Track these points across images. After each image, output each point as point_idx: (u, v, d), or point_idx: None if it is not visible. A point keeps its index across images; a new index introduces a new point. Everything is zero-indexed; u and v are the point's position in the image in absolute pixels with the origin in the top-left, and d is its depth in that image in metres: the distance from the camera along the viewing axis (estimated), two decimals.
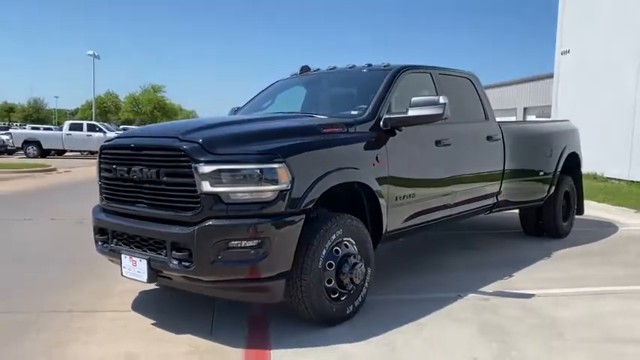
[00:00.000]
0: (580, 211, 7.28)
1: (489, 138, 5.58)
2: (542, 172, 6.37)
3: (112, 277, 4.50)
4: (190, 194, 3.37)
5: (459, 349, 3.41)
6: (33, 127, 34.73)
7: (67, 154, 26.98)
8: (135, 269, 3.61)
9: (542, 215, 6.67)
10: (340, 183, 3.78)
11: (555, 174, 6.52)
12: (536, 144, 6.41)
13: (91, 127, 26.23)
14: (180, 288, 3.85)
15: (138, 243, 3.67)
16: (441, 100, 4.15)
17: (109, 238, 3.90)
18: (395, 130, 4.33)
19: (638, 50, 12.00)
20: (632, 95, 11.94)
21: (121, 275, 3.74)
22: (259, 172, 3.33)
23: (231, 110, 5.86)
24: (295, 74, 5.74)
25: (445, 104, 4.14)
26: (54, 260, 5.66)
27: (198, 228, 3.30)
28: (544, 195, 6.44)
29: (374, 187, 4.04)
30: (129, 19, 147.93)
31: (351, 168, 3.91)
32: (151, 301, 4.35)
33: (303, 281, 3.52)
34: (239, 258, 3.33)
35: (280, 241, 3.38)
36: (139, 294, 4.47)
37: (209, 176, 3.29)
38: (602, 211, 8.95)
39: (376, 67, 4.99)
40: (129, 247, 3.74)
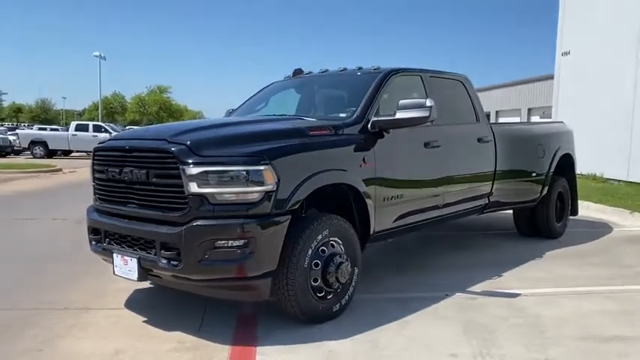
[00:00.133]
0: (574, 212, 7.33)
1: (480, 140, 5.64)
2: (534, 173, 6.43)
3: (109, 276, 4.56)
4: (178, 195, 3.47)
5: (439, 346, 3.49)
6: (40, 128, 35.08)
7: (73, 154, 27.24)
8: (126, 268, 3.72)
9: (536, 216, 6.72)
10: (327, 184, 3.87)
11: (548, 175, 6.58)
12: (529, 145, 6.46)
13: (97, 128, 26.48)
14: (171, 287, 3.96)
15: (129, 242, 3.78)
16: (428, 103, 4.23)
17: (102, 237, 4.01)
18: (383, 133, 4.41)
19: (636, 51, 12.00)
20: (631, 96, 11.95)
21: (113, 274, 3.85)
22: (245, 173, 3.42)
23: (227, 112, 5.97)
24: (288, 77, 5.84)
25: (432, 107, 4.22)
26: (53, 259, 5.78)
27: (185, 228, 3.40)
28: (537, 196, 6.50)
29: (361, 189, 4.13)
30: (136, 19, 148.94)
31: (338, 170, 3.99)
32: (144, 300, 4.46)
33: (289, 280, 3.61)
34: (226, 257, 3.42)
35: (266, 241, 3.47)
36: (132, 292, 4.58)
37: (196, 177, 3.38)
38: (598, 212, 8.98)
39: (366, 70, 5.07)
40: (120, 246, 3.84)
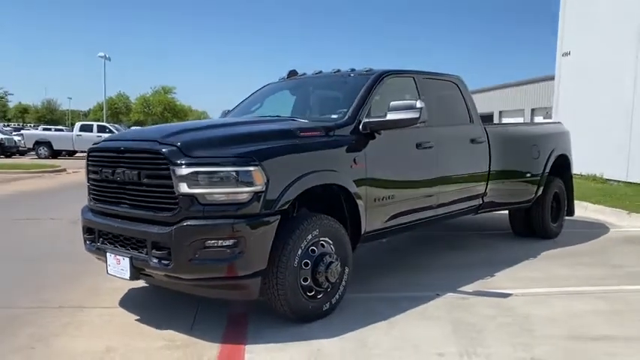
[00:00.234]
0: (570, 213, 7.33)
1: (473, 141, 5.67)
2: (529, 174, 6.45)
3: (104, 275, 4.64)
4: (169, 195, 3.52)
5: (426, 345, 3.52)
6: (44, 128, 35.29)
7: (77, 154, 27.37)
8: (118, 267, 3.78)
9: (531, 216, 6.74)
10: (317, 185, 3.92)
11: (543, 175, 6.60)
12: (523, 146, 6.49)
13: (101, 129, 26.59)
14: (164, 286, 4.02)
15: (121, 242, 3.84)
16: (418, 105, 4.27)
17: (96, 237, 4.08)
18: (374, 134, 4.45)
19: (636, 51, 11.99)
20: (630, 96, 11.93)
21: (107, 273, 3.91)
22: (235, 174, 3.47)
23: (223, 112, 6.03)
24: (283, 78, 5.90)
25: (422, 108, 4.26)
26: (52, 258, 5.85)
27: (176, 228, 3.46)
28: (532, 196, 6.52)
29: (351, 189, 4.17)
30: (141, 20, 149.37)
31: (328, 170, 4.04)
32: (139, 299, 4.52)
33: (279, 279, 3.65)
34: (215, 257, 3.47)
35: (255, 241, 3.52)
36: (127, 291, 4.65)
37: (186, 178, 3.44)
38: (596, 213, 8.99)
39: (359, 71, 5.12)
40: (113, 245, 3.90)
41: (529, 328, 3.84)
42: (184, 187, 3.44)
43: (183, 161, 3.46)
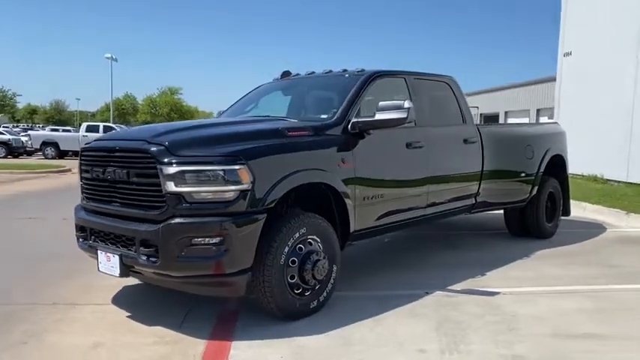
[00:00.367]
0: (566, 213, 7.34)
1: (466, 141, 5.70)
2: (523, 174, 6.47)
3: (97, 273, 4.73)
4: (157, 194, 3.59)
5: (409, 342, 3.57)
6: (52, 129, 35.55)
7: None
8: (109, 264, 3.85)
9: (526, 216, 6.76)
10: (303, 184, 3.97)
11: (537, 175, 6.61)
12: (517, 146, 6.50)
13: (107, 129, 26.79)
14: (153, 283, 4.09)
15: (112, 240, 3.91)
16: (406, 105, 4.32)
17: (87, 235, 4.15)
18: (364, 134, 4.50)
19: (636, 52, 11.95)
20: (630, 96, 11.90)
21: (98, 270, 3.99)
22: (221, 173, 3.53)
23: (218, 113, 6.10)
24: (277, 79, 5.96)
25: (409, 108, 4.31)
26: (50, 256, 5.92)
27: (163, 225, 3.52)
28: (526, 196, 6.54)
29: (339, 188, 4.22)
30: (148, 21, 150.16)
31: (316, 169, 4.09)
32: (131, 296, 4.60)
33: (265, 277, 3.71)
34: (202, 254, 3.53)
35: (241, 239, 3.58)
36: (121, 289, 4.72)
37: (173, 177, 3.50)
38: (594, 213, 8.98)
39: (351, 72, 5.17)
40: (104, 243, 3.98)
41: (515, 326, 3.87)
42: (171, 186, 3.51)
43: (170, 160, 3.53)
